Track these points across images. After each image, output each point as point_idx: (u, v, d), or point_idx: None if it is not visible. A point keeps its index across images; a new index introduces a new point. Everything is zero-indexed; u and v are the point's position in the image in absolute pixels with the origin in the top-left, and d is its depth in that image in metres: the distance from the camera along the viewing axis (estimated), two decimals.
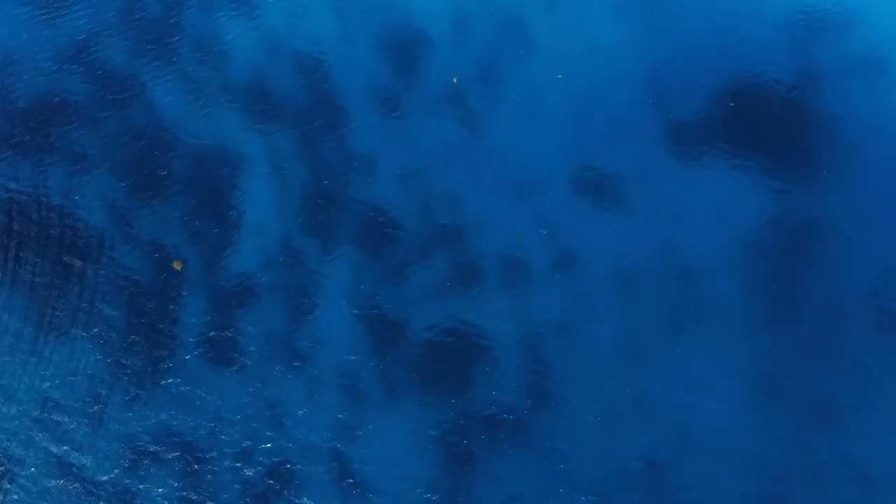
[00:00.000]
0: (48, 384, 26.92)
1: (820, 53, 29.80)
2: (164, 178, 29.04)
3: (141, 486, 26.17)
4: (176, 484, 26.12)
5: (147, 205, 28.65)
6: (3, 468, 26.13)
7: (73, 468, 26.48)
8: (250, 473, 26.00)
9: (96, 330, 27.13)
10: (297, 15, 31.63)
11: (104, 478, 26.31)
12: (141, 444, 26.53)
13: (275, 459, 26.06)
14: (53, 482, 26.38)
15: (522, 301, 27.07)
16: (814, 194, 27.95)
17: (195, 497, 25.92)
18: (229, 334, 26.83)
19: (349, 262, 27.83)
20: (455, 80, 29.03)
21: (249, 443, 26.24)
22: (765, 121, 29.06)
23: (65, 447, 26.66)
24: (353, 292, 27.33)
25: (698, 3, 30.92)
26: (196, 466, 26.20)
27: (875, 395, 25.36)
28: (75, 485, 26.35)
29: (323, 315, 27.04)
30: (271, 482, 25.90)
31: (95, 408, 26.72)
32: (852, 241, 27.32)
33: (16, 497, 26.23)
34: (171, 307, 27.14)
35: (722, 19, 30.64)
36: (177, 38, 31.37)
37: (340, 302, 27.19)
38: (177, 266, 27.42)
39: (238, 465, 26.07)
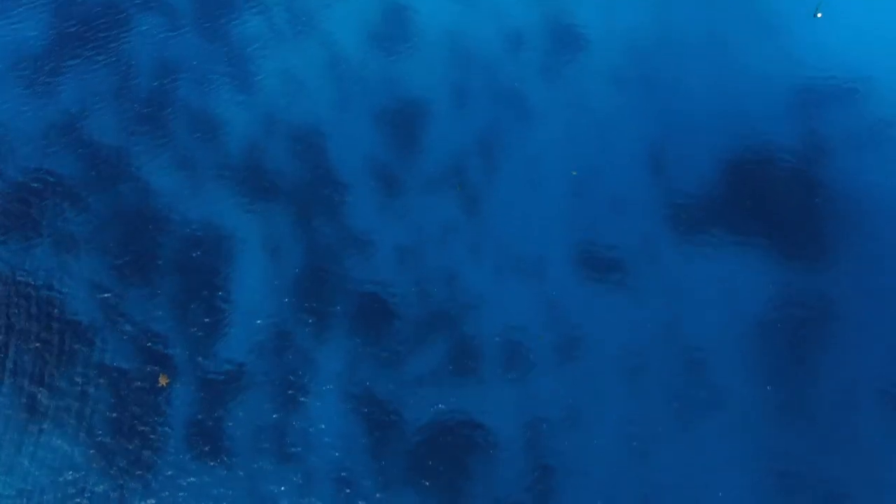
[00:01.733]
0: (31, 475, 25.74)
1: (827, 126, 29.48)
2: (154, 261, 28.21)
3: None
4: None
5: (136, 290, 27.76)
6: None
7: None
8: None
9: (81, 420, 26.04)
10: (294, 90, 31.18)
11: None
12: None
13: None
14: None
15: (523, 390, 26.08)
16: (823, 274, 27.35)
17: None
18: (217, 426, 25.72)
19: (343, 348, 26.86)
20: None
21: None
22: (771, 197, 28.56)
23: None
24: (346, 382, 26.31)
25: (700, 77, 30.63)
26: None
27: (890, 489, 24.31)
28: None
29: (315, 406, 25.96)
30: None
31: (78, 500, 25.49)
32: (864, 323, 26.62)
33: None
34: (158, 398, 26.07)
35: (724, 93, 30.39)
36: (170, 113, 30.83)
37: (333, 392, 26.14)
38: (162, 381, 26.43)
39: None
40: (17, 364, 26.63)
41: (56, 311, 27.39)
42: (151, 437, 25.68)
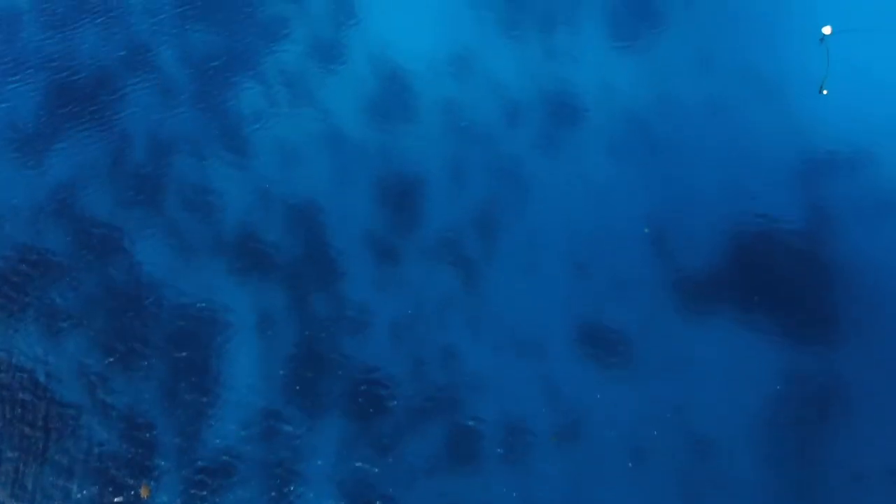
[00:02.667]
0: None
1: (832, 201, 29.11)
2: (144, 341, 27.58)
3: None
4: None
5: (123, 371, 27.07)
6: None
7: None
8: None
9: None
10: (290, 164, 30.87)
11: None
12: None
13: None
14: None
15: (525, 478, 25.21)
16: (832, 353, 26.71)
17: None
18: None
19: (336, 433, 26.07)
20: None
21: None
22: (776, 273, 28.03)
23: None
24: (340, 470, 25.46)
25: (702, 150, 30.36)
26: None
27: None
28: None
29: (307, 497, 25.05)
30: None
31: None
32: (875, 402, 25.80)
33: None
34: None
35: (727, 167, 30.07)
36: (164, 188, 30.44)
37: (326, 481, 25.29)
38: (144, 493, 25.55)
39: None
40: None
41: (40, 390, 26.64)
42: None
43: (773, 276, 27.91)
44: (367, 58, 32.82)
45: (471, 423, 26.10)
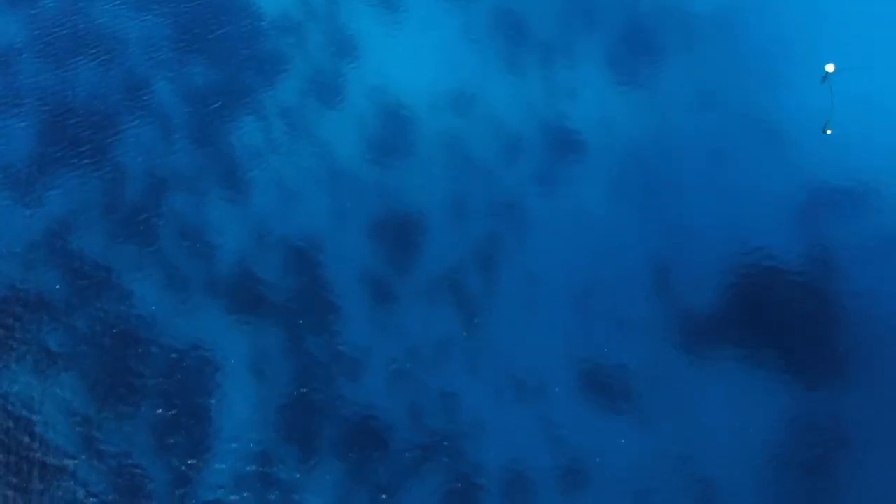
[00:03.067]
0: None
1: (837, 241, 28.76)
2: (136, 383, 27.06)
3: None
4: None
5: (114, 414, 26.52)
6: None
7: None
8: None
9: None
10: (288, 201, 30.55)
11: None
12: None
13: None
14: None
15: None
16: (839, 396, 26.18)
17: None
18: None
19: (332, 479, 25.43)
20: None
21: None
22: (781, 314, 27.58)
23: None
24: None
25: (703, 187, 30.09)
26: None
27: None
28: None
29: None
30: None
31: None
32: (885, 448, 25.24)
33: None
34: None
35: (730, 205, 29.79)
36: (159, 224, 30.08)
37: None
38: None
39: None
40: None
41: (28, 436, 26.10)
42: None
43: (778, 316, 27.45)
44: (366, 94, 32.70)
45: (469, 468, 25.46)
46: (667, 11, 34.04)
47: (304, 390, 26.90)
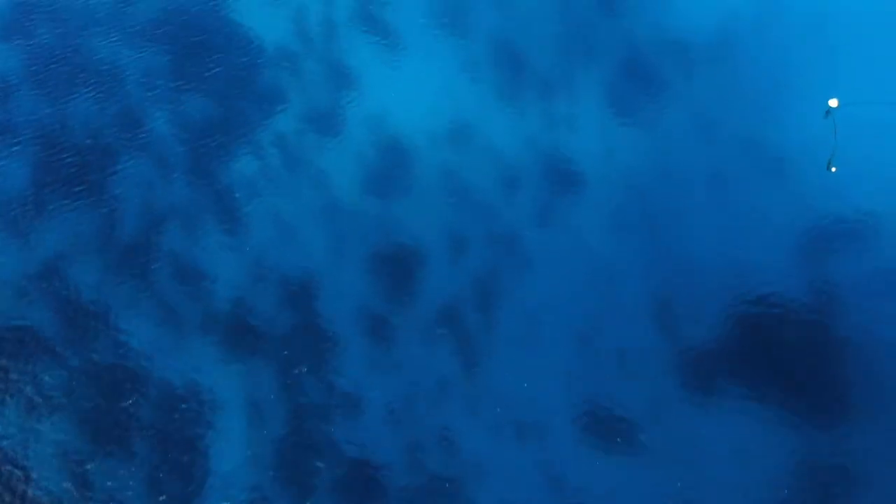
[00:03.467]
0: None
1: (841, 275, 28.31)
2: (128, 423, 26.69)
3: None
4: None
5: (106, 455, 26.11)
6: None
7: None
8: None
9: None
10: (285, 235, 30.38)
11: None
12: None
13: None
14: None
15: None
16: (846, 437, 25.62)
17: None
18: None
19: None
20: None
21: None
22: (785, 350, 27.10)
23: None
24: None
25: (703, 222, 29.86)
26: None
27: None
28: None
29: None
30: None
31: None
32: (890, 488, 24.53)
33: None
34: None
35: (732, 239, 29.50)
36: (154, 262, 29.91)
37: None
38: None
39: None
40: None
41: (16, 481, 25.70)
42: None
43: (783, 351, 26.99)
44: (364, 128, 32.67)
45: None
46: (668, 44, 34.05)
47: (301, 430, 26.51)
